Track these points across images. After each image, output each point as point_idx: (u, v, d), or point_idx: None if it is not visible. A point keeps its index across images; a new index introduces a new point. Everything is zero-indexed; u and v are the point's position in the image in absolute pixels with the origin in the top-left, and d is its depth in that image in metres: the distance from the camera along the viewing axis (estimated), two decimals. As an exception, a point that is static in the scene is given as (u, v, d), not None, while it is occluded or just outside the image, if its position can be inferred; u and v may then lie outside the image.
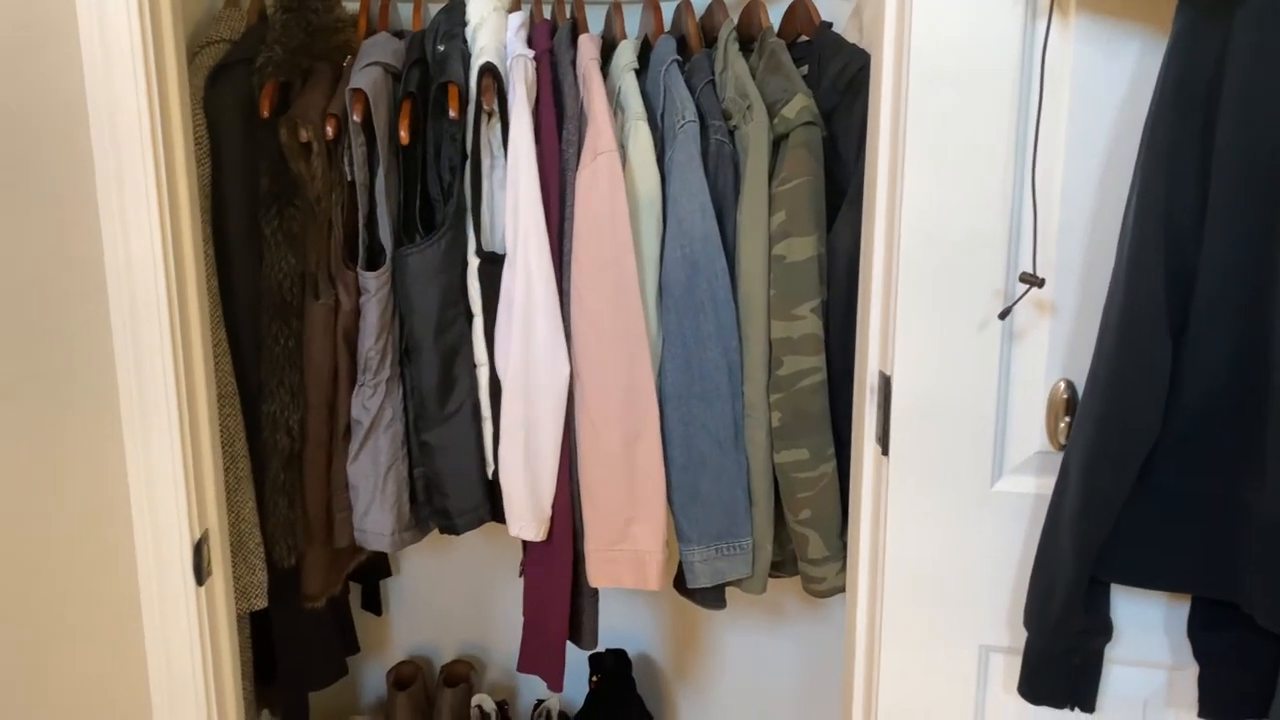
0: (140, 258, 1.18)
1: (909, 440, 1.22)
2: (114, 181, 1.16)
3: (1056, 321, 1.17)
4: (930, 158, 1.15)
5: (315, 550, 1.53)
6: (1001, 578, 1.23)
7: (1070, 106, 1.12)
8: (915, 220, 1.17)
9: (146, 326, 1.20)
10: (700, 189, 1.42)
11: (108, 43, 1.13)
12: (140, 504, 1.24)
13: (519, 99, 1.41)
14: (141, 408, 1.21)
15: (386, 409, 1.47)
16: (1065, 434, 1.18)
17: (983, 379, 1.19)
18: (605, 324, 1.42)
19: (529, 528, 1.46)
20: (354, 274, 1.43)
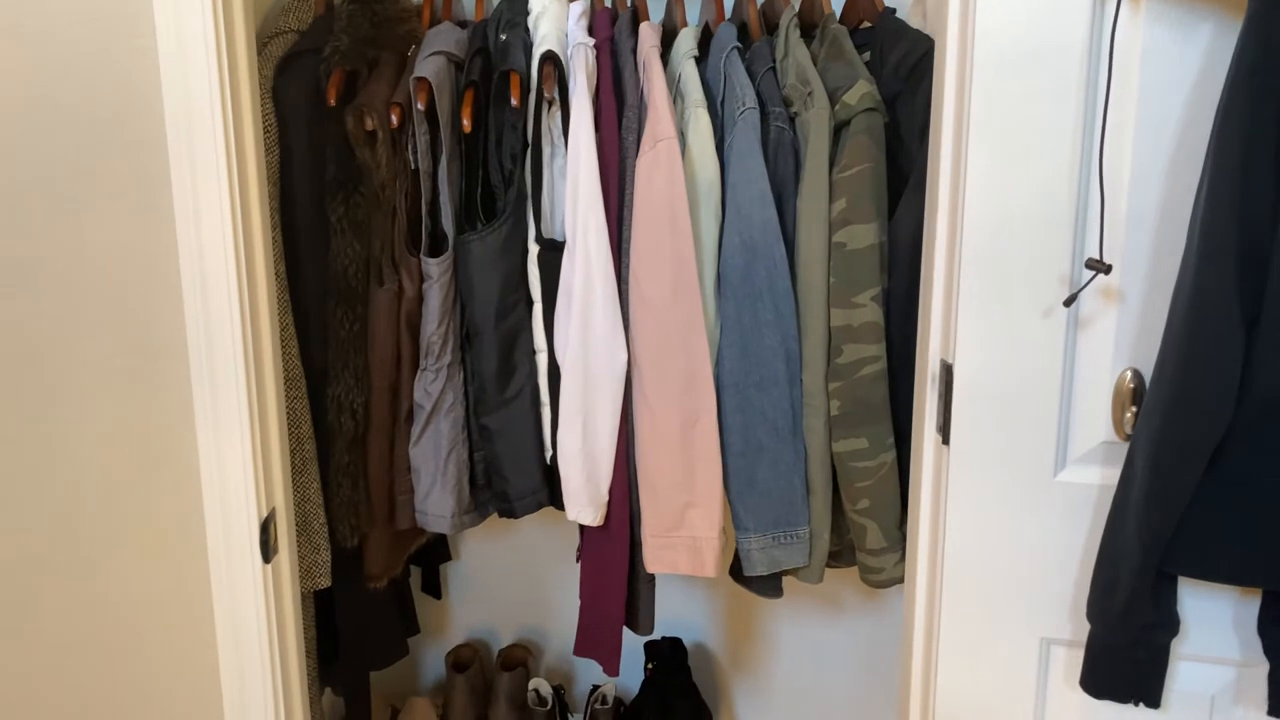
0: (211, 243, 1.22)
1: (970, 429, 1.21)
2: (187, 169, 1.20)
3: (1124, 309, 1.15)
4: (995, 142, 1.13)
5: (377, 531, 1.55)
6: (1064, 569, 1.21)
7: (1140, 89, 1.09)
8: (979, 206, 1.15)
9: (217, 311, 1.23)
10: (760, 176, 1.42)
11: (182, 33, 1.16)
12: (210, 481, 1.27)
13: (580, 87, 1.42)
14: (212, 388, 1.25)
15: (448, 393, 1.49)
16: (1131, 424, 1.15)
17: (1047, 367, 1.17)
18: (663, 311, 1.42)
19: (586, 513, 1.47)
20: (417, 260, 1.46)
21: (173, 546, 1.25)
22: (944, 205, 1.23)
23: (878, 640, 2.03)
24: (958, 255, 1.19)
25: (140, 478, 1.20)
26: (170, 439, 1.23)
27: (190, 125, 1.19)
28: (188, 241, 1.21)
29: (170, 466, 1.24)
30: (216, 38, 1.17)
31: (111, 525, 1.15)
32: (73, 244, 1.16)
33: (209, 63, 1.17)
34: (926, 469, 1.30)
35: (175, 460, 1.24)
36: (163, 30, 1.16)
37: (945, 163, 1.23)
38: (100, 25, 1.11)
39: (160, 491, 1.23)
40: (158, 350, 1.21)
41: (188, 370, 1.24)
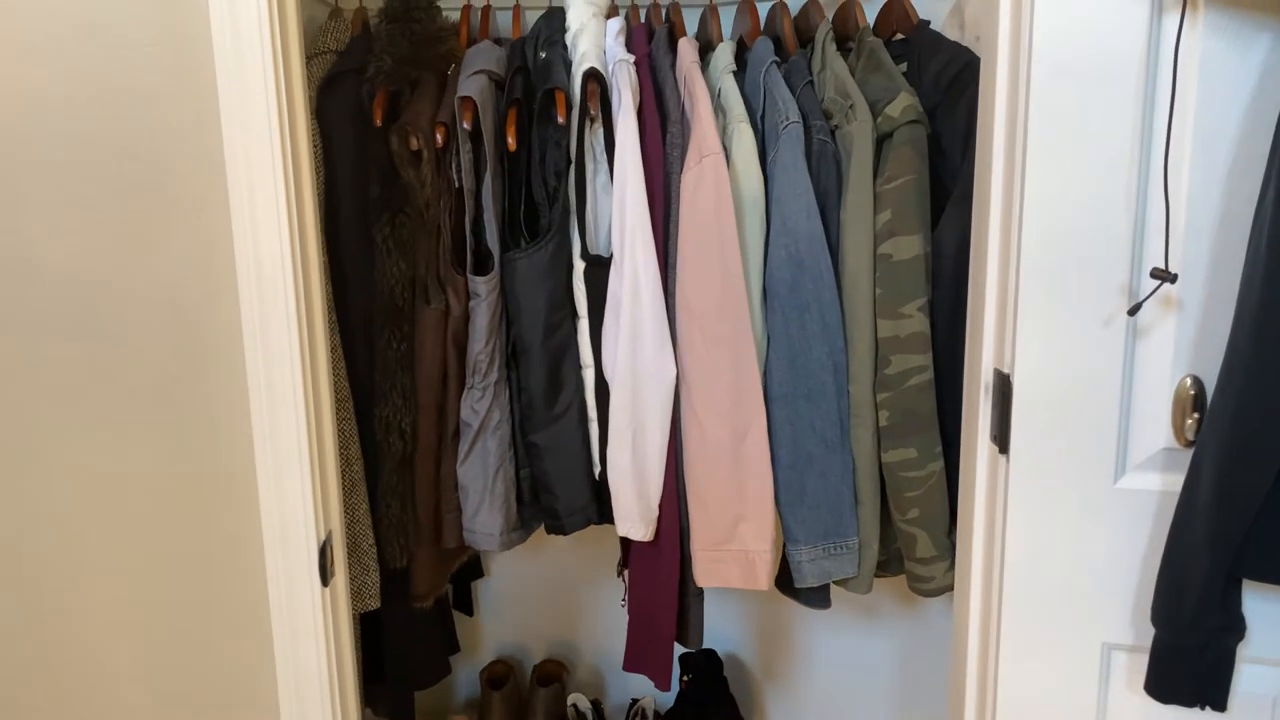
0: (270, 262, 1.21)
1: (1030, 438, 1.22)
2: (245, 188, 1.19)
3: (1183, 317, 1.16)
4: (1053, 154, 1.14)
5: (424, 551, 1.55)
6: (1125, 575, 1.22)
7: (1198, 100, 1.11)
8: (1038, 217, 1.16)
9: (275, 330, 1.22)
10: (805, 189, 1.43)
11: (241, 53, 1.16)
12: (269, 505, 1.26)
13: (626, 103, 1.42)
14: (270, 409, 1.24)
15: (495, 411, 1.49)
16: (1192, 430, 1.17)
17: (1107, 375, 1.18)
18: (711, 324, 1.43)
19: (637, 528, 1.47)
20: (464, 278, 1.46)
21: (230, 570, 1.25)
22: (996, 217, 1.24)
23: (913, 648, 2.04)
24: (1014, 266, 1.20)
25: (198, 502, 1.20)
26: (228, 462, 1.23)
27: (248, 144, 1.18)
28: (245, 260, 1.21)
29: (228, 490, 1.23)
30: (274, 58, 1.17)
31: (169, 550, 1.15)
32: (133, 270, 1.16)
33: (266, 83, 1.16)
34: (980, 477, 1.31)
35: (233, 484, 1.24)
36: (220, 50, 1.16)
37: (997, 175, 1.24)
38: (157, 48, 1.11)
39: (218, 515, 1.23)
40: (215, 374, 1.21)
41: (246, 394, 1.24)
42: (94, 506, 1.21)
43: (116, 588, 1.22)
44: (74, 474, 1.20)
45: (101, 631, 1.24)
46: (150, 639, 1.22)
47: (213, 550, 1.23)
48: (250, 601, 1.26)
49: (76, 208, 1.15)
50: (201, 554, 1.23)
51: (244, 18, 1.15)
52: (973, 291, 1.30)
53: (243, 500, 1.25)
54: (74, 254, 1.16)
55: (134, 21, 1.11)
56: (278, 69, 1.17)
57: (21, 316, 1.16)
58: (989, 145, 1.25)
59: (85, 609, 1.23)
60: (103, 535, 1.21)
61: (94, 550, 1.22)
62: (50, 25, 1.11)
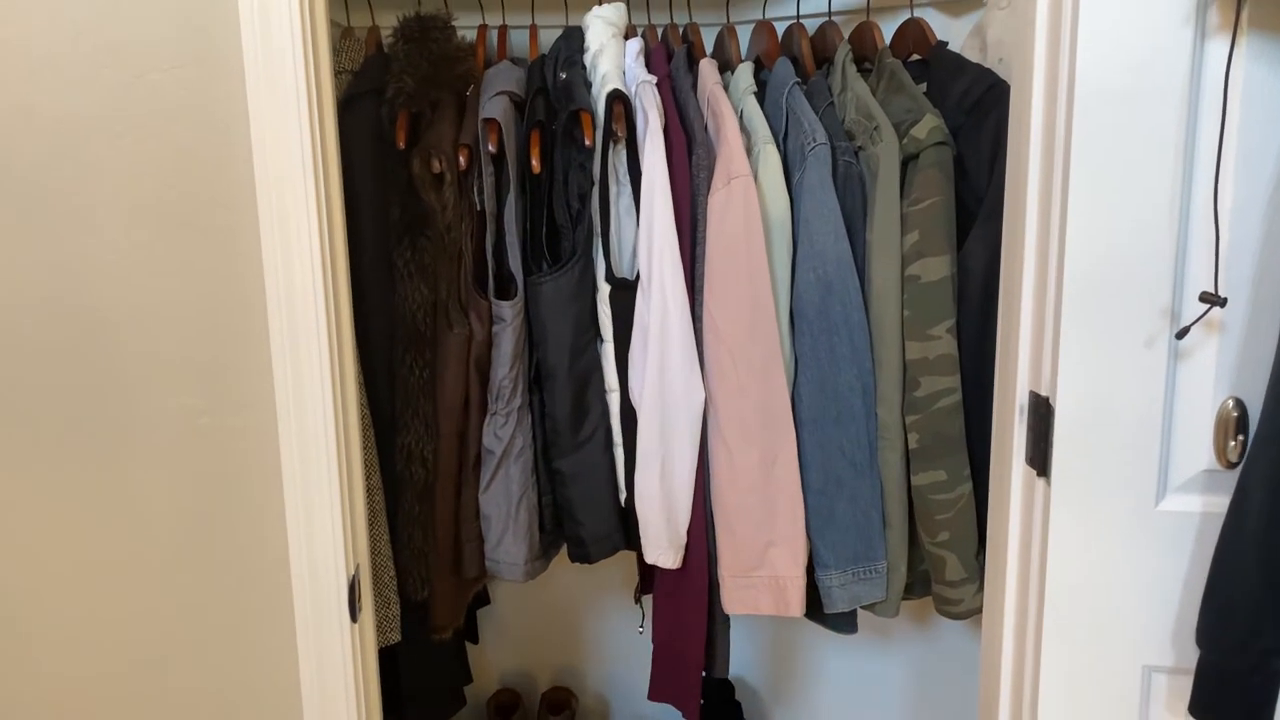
0: (301, 289, 1.18)
1: (1072, 461, 1.21)
2: (275, 212, 1.15)
3: (1225, 339, 1.16)
4: (1097, 179, 1.14)
5: (443, 582, 1.51)
6: (1166, 597, 1.22)
7: (1240, 125, 1.11)
8: (1081, 240, 1.16)
9: (306, 358, 1.19)
10: (833, 211, 1.42)
11: (272, 76, 1.13)
12: (298, 541, 1.22)
13: (653, 125, 1.40)
14: (300, 441, 1.20)
15: (518, 438, 1.46)
16: (1235, 453, 1.17)
17: (1150, 398, 1.18)
18: (740, 348, 1.41)
19: (666, 555, 1.45)
20: (487, 303, 1.43)
21: (258, 609, 1.21)
22: (1031, 239, 1.24)
23: (927, 669, 2.03)
24: (1053, 289, 1.20)
25: (225, 538, 1.16)
26: (257, 495, 1.19)
27: (279, 167, 1.15)
28: (275, 287, 1.17)
29: (255, 526, 1.19)
30: (306, 79, 1.14)
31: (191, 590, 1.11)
32: (159, 300, 1.12)
33: (299, 105, 1.13)
34: (1015, 500, 1.30)
35: (261, 520, 1.20)
36: (251, 72, 1.12)
37: (1032, 197, 1.23)
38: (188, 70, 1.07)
39: (245, 552, 1.19)
40: (244, 407, 1.17)
41: (275, 426, 1.20)
42: (114, 541, 1.16)
43: (137, 628, 1.18)
44: (94, 508, 1.15)
45: (123, 672, 1.19)
46: (171, 681, 1.18)
47: (239, 589, 1.19)
48: (278, 639, 1.22)
49: (104, 238, 1.10)
50: (226, 593, 1.19)
51: (277, 36, 1.11)
52: (1005, 314, 1.30)
53: (270, 536, 1.21)
54: (100, 283, 1.11)
55: (161, 43, 1.08)
56: (310, 92, 1.14)
57: (38, 346, 1.12)
58: (1023, 168, 1.24)
59: (104, 647, 1.18)
60: (123, 572, 1.17)
61: (113, 588, 1.17)
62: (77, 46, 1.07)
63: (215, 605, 1.19)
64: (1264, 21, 1.09)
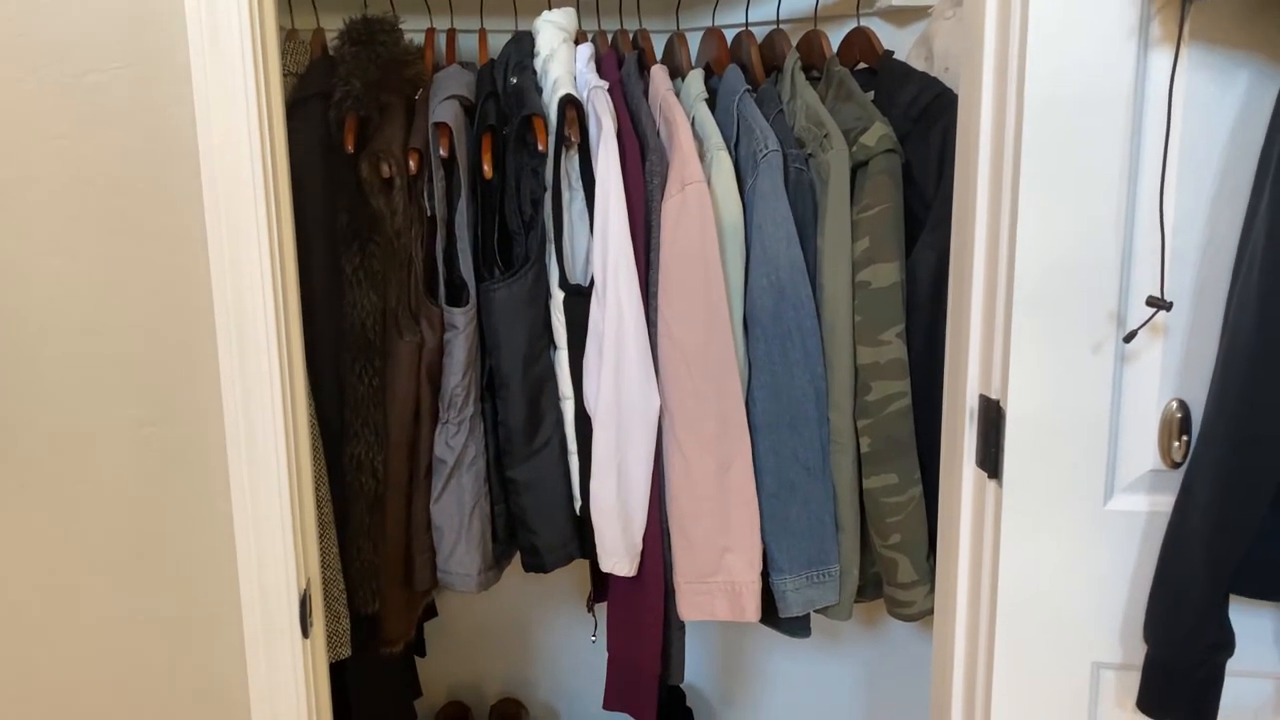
0: (250, 296, 1.14)
1: (1023, 464, 1.23)
2: (223, 217, 1.12)
3: (1168, 343, 1.19)
4: (1046, 187, 1.17)
5: (395, 594, 1.48)
6: (1114, 594, 1.24)
7: (1183, 133, 1.14)
8: (1030, 246, 1.18)
9: (255, 367, 1.15)
10: (785, 218, 1.43)
11: (221, 77, 1.09)
12: (248, 555, 1.19)
13: (606, 131, 1.40)
14: (249, 453, 1.17)
15: (470, 447, 1.44)
16: (1179, 453, 1.20)
17: (1097, 401, 1.20)
18: (695, 354, 1.41)
19: (622, 563, 1.44)
20: (439, 310, 1.40)
21: (205, 623, 1.17)
22: (980, 246, 1.26)
23: (876, 670, 2.05)
24: (1003, 295, 1.22)
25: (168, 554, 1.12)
26: (204, 509, 1.15)
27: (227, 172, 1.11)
28: (223, 299, 1.14)
29: (202, 540, 1.16)
30: (256, 82, 1.11)
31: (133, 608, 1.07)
32: (102, 307, 1.08)
33: (249, 108, 1.10)
34: (966, 502, 1.32)
35: (208, 534, 1.16)
36: (198, 72, 1.09)
37: (981, 205, 1.25)
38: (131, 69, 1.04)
39: (190, 567, 1.15)
40: (190, 418, 1.13)
41: (223, 436, 1.16)
42: (52, 561, 1.12)
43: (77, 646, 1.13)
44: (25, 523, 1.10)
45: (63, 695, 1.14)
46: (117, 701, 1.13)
47: (185, 605, 1.15)
48: (227, 656, 1.19)
49: (38, 241, 1.06)
50: (172, 609, 1.15)
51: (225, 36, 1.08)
52: (954, 319, 1.31)
53: (219, 551, 1.17)
54: (35, 288, 1.07)
55: (104, 42, 1.04)
56: (260, 93, 1.11)
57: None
58: (972, 175, 1.26)
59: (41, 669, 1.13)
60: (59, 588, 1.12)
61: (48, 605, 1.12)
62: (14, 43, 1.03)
63: (161, 622, 1.15)
64: (1205, 33, 1.13)
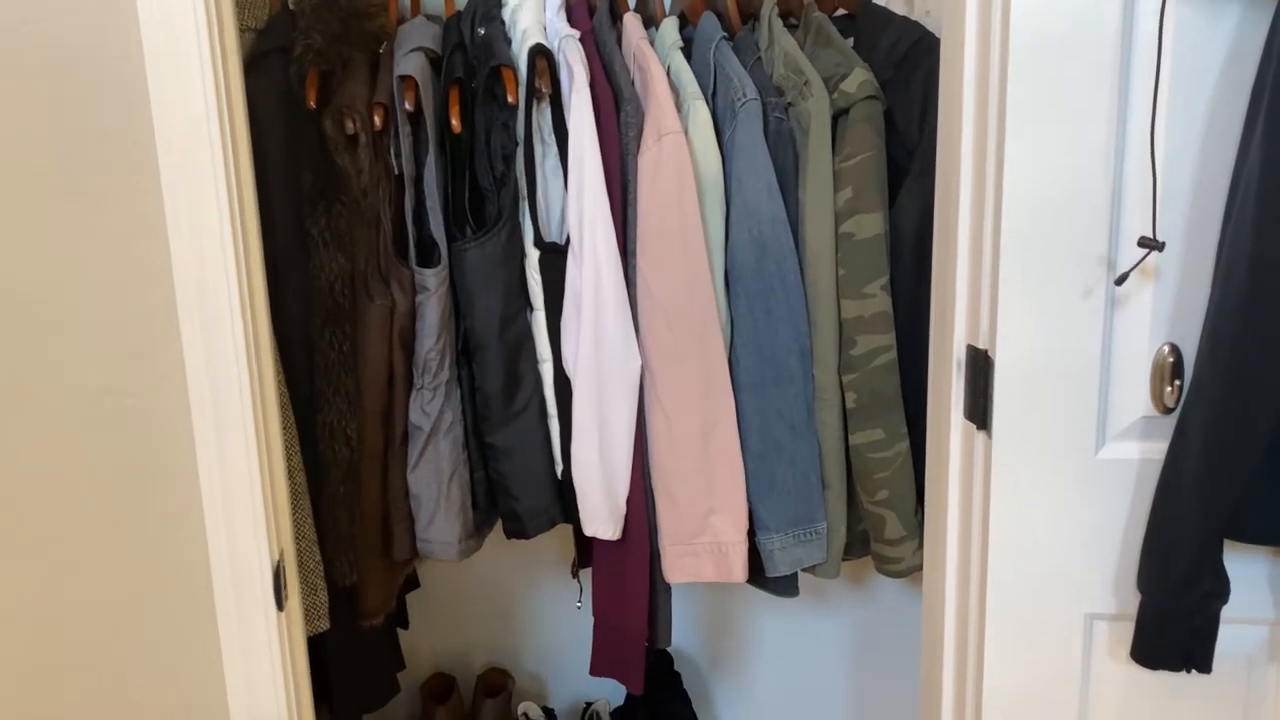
0: (211, 258, 1.10)
1: (1013, 414, 1.20)
2: (180, 180, 1.07)
3: (1160, 286, 1.16)
4: (1033, 128, 1.13)
5: (373, 565, 1.45)
6: (1106, 545, 1.22)
7: (1172, 69, 1.11)
8: (1019, 191, 1.15)
9: (219, 332, 1.11)
10: (766, 169, 1.39)
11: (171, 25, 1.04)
12: (216, 527, 1.15)
13: (579, 81, 1.35)
14: (216, 422, 1.13)
15: (447, 412, 1.40)
16: (1172, 398, 1.17)
17: (1088, 347, 1.17)
18: (677, 312, 1.38)
19: (606, 527, 1.41)
20: (410, 272, 1.36)
21: (177, 602, 1.13)
22: (966, 192, 1.22)
23: (865, 627, 2.03)
24: (989, 242, 1.18)
25: (135, 528, 1.08)
26: (169, 481, 1.11)
27: (182, 132, 1.06)
28: (183, 259, 1.09)
29: (169, 513, 1.11)
30: (210, 35, 1.05)
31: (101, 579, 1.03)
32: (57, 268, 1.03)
33: (202, 65, 1.05)
34: (954, 455, 1.30)
35: (175, 506, 1.12)
36: (149, 29, 1.03)
37: (966, 150, 1.22)
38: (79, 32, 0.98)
39: (159, 542, 1.11)
40: (152, 385, 1.08)
41: (187, 406, 1.12)
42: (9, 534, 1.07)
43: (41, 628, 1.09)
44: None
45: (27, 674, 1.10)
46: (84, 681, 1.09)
47: (154, 581, 1.11)
48: (199, 632, 1.15)
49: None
50: (140, 585, 1.10)
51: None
52: (939, 268, 1.28)
53: (187, 523, 1.13)
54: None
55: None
56: (214, 43, 1.06)
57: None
58: (956, 120, 1.23)
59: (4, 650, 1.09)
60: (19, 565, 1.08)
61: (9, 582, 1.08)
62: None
63: (129, 598, 1.11)
64: (1194, -36, 1.09)
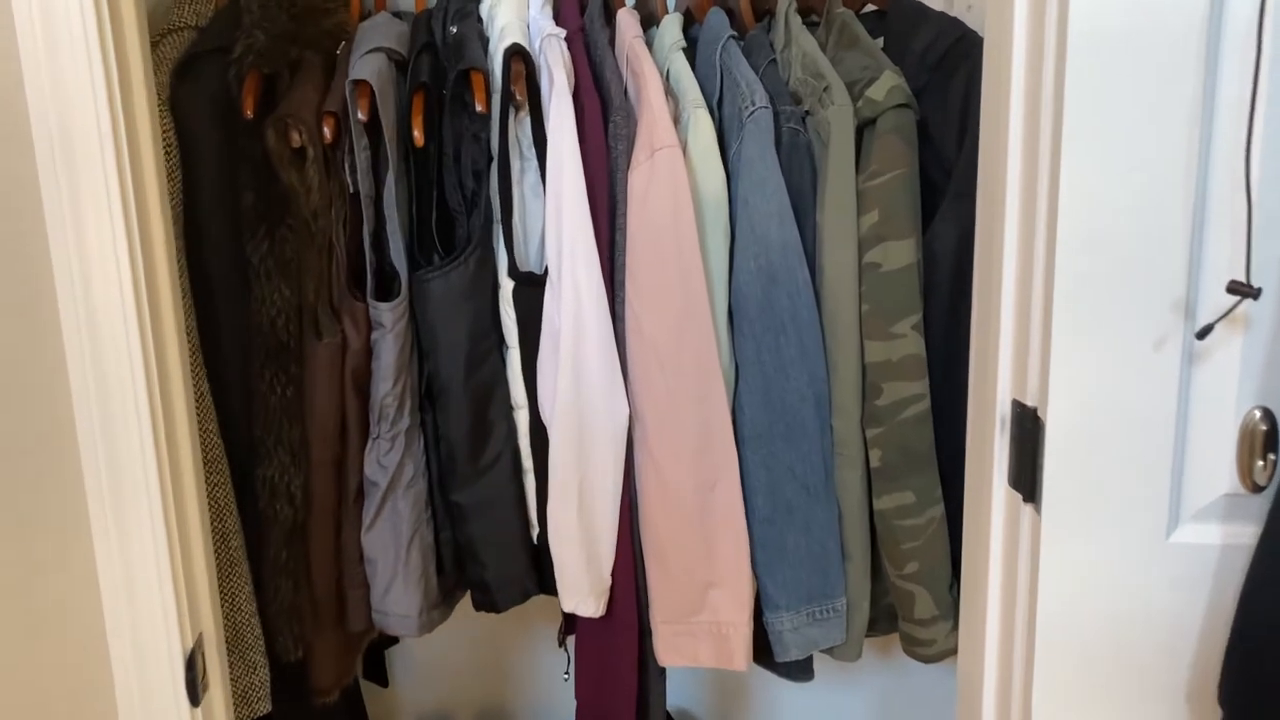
0: (105, 301, 0.93)
1: (1066, 485, 1.00)
2: (67, 207, 0.90)
3: (1250, 338, 0.96)
4: (1095, 141, 0.93)
5: (325, 636, 1.28)
6: (1178, 647, 1.02)
7: (1272, 70, 0.91)
8: (1076, 219, 0.95)
9: (116, 387, 0.94)
10: (777, 188, 1.20)
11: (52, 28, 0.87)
12: (117, 614, 0.98)
13: (559, 86, 1.17)
14: (113, 492, 0.96)
15: (407, 465, 1.23)
16: (1264, 474, 0.97)
17: (1160, 410, 0.97)
18: (670, 352, 1.19)
19: (586, 602, 1.23)
20: (364, 305, 1.19)
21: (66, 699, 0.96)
22: (1013, 219, 1.03)
23: (891, 703, 1.84)
24: (1041, 279, 0.99)
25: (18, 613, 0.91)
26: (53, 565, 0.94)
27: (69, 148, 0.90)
28: (70, 300, 0.92)
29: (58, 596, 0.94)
30: (100, 33, 0.88)
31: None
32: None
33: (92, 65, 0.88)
34: (995, 530, 1.10)
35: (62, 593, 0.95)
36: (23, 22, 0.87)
37: (1013, 169, 1.03)
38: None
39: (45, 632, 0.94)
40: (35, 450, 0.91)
41: (79, 468, 0.95)
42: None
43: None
44: None
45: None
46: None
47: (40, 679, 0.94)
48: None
49: None
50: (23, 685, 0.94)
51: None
52: (979, 307, 1.09)
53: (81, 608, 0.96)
54: None
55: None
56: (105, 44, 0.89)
57: None
58: (1002, 133, 1.03)
59: None
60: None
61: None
62: None
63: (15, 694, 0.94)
64: (1298, -55, 0.89)
